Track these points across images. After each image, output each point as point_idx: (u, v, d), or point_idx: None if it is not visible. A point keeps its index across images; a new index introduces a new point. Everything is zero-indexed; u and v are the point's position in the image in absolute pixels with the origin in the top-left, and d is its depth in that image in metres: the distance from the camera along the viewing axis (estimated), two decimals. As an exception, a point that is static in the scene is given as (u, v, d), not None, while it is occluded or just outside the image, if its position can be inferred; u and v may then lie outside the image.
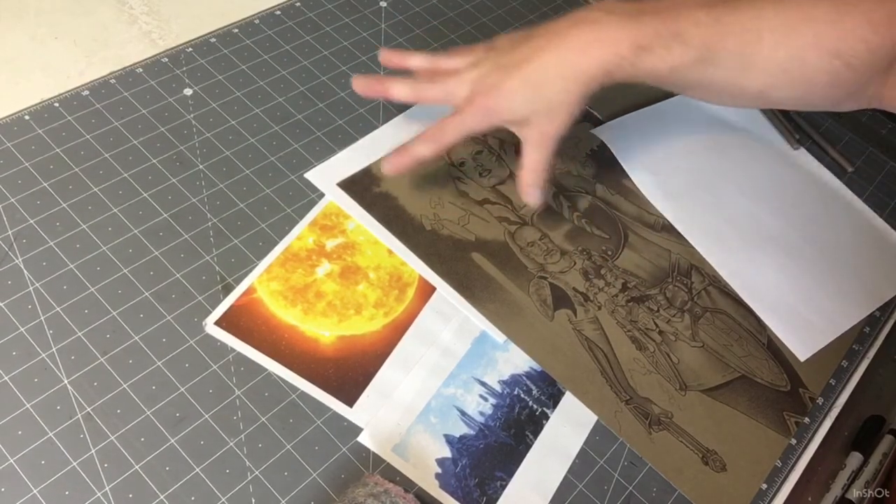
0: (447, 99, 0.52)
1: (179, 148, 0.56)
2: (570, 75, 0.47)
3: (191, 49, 0.62)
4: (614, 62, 0.46)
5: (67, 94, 0.57)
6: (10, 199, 0.51)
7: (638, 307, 0.56)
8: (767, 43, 0.45)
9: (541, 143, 0.50)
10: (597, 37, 0.46)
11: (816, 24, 0.44)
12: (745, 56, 0.46)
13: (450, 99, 0.51)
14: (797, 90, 0.47)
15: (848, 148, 0.70)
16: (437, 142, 0.51)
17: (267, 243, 0.53)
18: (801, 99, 0.48)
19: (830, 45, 0.44)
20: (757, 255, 0.60)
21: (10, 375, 0.44)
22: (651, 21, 0.46)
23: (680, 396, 0.52)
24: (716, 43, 0.46)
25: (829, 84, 0.46)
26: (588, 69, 0.47)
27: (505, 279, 0.54)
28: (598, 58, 0.46)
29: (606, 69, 0.47)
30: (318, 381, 0.48)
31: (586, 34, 0.47)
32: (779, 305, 0.58)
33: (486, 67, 0.50)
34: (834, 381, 0.55)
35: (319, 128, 0.60)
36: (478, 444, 0.48)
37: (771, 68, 0.46)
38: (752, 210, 0.63)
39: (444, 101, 0.52)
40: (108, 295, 0.48)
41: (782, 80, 0.46)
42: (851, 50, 0.44)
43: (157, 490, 0.42)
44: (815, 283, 0.60)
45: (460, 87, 0.51)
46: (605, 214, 0.60)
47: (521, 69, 0.48)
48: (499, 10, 0.73)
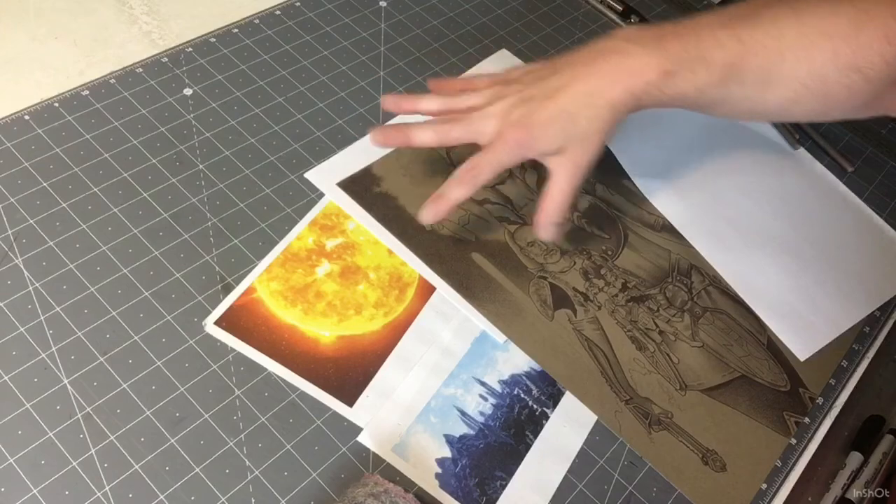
0: (475, 137, 0.50)
1: (179, 148, 0.56)
2: (602, 104, 0.47)
3: (191, 49, 0.62)
4: (643, 89, 0.47)
5: (67, 94, 0.57)
6: (10, 199, 0.51)
7: (638, 307, 0.56)
8: (788, 60, 0.46)
9: (572, 172, 0.50)
10: (624, 66, 0.47)
11: (834, 41, 0.45)
12: (766, 73, 0.47)
13: (478, 137, 0.50)
14: (817, 104, 0.47)
15: (848, 148, 0.70)
16: (472, 182, 0.50)
17: (267, 243, 0.53)
18: (821, 113, 0.49)
19: (849, 60, 0.45)
20: (757, 255, 0.60)
21: (10, 375, 0.44)
22: (674, 46, 0.47)
23: (680, 396, 0.52)
24: (738, 62, 0.47)
25: (848, 97, 0.46)
26: (619, 98, 0.47)
27: (505, 279, 0.54)
28: (627, 86, 0.47)
29: (636, 96, 0.47)
30: (318, 381, 0.48)
31: (613, 64, 0.48)
32: (778, 305, 0.58)
33: (511, 101, 0.49)
34: (834, 381, 0.55)
35: (319, 128, 0.60)
36: (478, 444, 0.48)
37: (792, 84, 0.47)
38: (752, 210, 0.63)
39: (471, 139, 0.51)
40: (108, 295, 0.48)
41: (803, 95, 0.47)
42: (869, 63, 0.45)
43: (157, 490, 0.42)
44: (815, 283, 0.60)
45: (487, 123, 0.50)
46: (605, 214, 0.60)
47: (552, 100, 0.48)
48: (499, 10, 0.73)
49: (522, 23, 0.72)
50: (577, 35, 0.73)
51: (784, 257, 0.61)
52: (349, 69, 0.64)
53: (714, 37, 0.47)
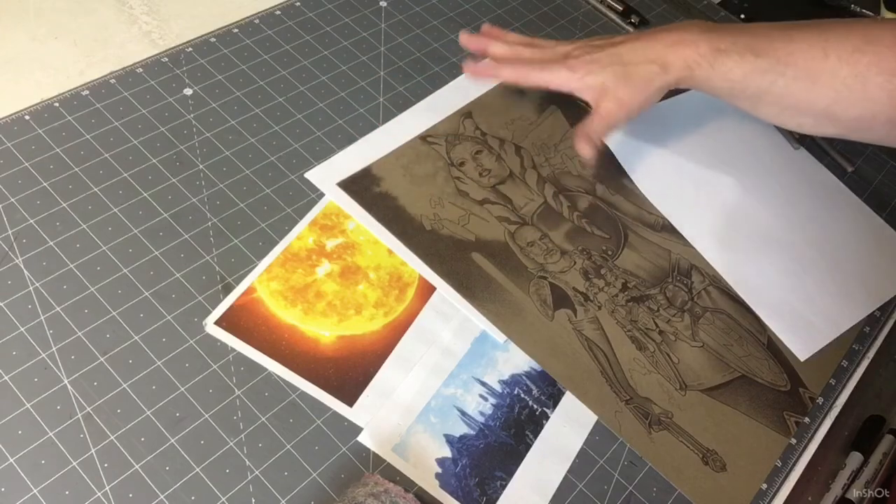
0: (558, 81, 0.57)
1: (179, 148, 0.56)
2: (657, 61, 0.54)
3: (191, 49, 0.62)
4: (695, 60, 0.53)
5: (67, 94, 0.57)
6: (10, 199, 0.51)
7: (638, 307, 0.56)
8: (832, 60, 0.50)
9: (616, 107, 0.55)
10: (681, 38, 0.54)
11: (878, 47, 0.49)
12: (809, 70, 0.51)
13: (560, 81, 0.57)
14: (859, 108, 0.50)
15: (848, 148, 0.70)
16: (520, 78, 0.58)
17: (267, 243, 0.53)
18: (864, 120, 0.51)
19: (891, 66, 0.48)
20: (757, 255, 0.60)
21: (10, 375, 0.44)
22: (728, 32, 0.53)
23: (680, 396, 0.52)
24: (786, 56, 0.51)
25: (889, 102, 0.49)
26: (673, 62, 0.54)
27: (505, 279, 0.54)
28: (681, 54, 0.53)
29: (687, 64, 0.53)
30: (318, 380, 0.48)
31: (673, 36, 0.54)
32: (779, 305, 0.58)
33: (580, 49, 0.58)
34: (834, 381, 0.55)
35: (319, 128, 0.60)
36: (478, 444, 0.48)
37: (835, 84, 0.50)
38: (753, 210, 0.63)
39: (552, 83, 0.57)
40: (108, 295, 0.48)
41: (846, 96, 0.50)
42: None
43: (157, 490, 0.42)
44: (815, 282, 0.60)
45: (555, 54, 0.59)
46: (605, 214, 0.60)
47: (612, 46, 0.56)
48: (499, 10, 0.73)
49: (522, 23, 0.72)
50: (577, 35, 0.72)
51: (784, 257, 0.61)
52: (349, 69, 0.64)
53: (766, 34, 0.53)
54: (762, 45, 0.52)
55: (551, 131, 0.64)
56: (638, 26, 0.75)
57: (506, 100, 0.65)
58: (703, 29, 0.54)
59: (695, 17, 0.78)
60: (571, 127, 0.64)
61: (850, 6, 0.84)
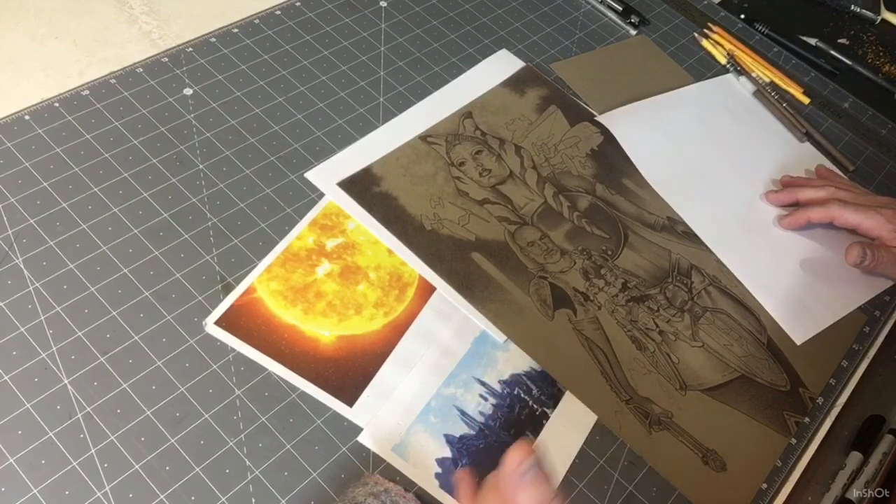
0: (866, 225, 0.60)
1: (179, 148, 0.56)
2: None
3: (191, 49, 0.62)
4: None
5: (67, 94, 0.57)
6: (10, 199, 0.51)
7: (638, 307, 0.56)
8: None
9: (892, 261, 0.59)
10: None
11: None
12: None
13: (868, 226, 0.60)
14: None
15: (848, 148, 0.70)
16: (835, 218, 0.60)
17: (267, 243, 0.53)
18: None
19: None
20: (757, 240, 0.61)
21: (10, 375, 0.44)
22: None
23: (680, 396, 0.52)
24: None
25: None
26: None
27: (505, 279, 0.54)
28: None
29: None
30: (318, 381, 0.48)
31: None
32: (777, 289, 0.58)
33: None
34: (834, 381, 0.55)
35: (319, 128, 0.60)
36: (478, 444, 0.48)
37: None
38: (755, 197, 0.64)
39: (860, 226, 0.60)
40: (108, 295, 0.48)
41: None
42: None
43: (157, 490, 0.42)
44: (816, 270, 0.60)
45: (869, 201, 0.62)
46: (605, 214, 0.60)
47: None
48: (499, 10, 0.73)
49: (522, 23, 0.72)
50: (577, 35, 0.73)
51: (784, 243, 0.61)
52: (349, 69, 0.64)
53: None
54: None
55: (551, 131, 0.64)
56: (637, 26, 0.75)
57: (506, 100, 0.65)
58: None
59: (695, 16, 0.78)
60: (571, 127, 0.65)
61: (850, 6, 0.84)
